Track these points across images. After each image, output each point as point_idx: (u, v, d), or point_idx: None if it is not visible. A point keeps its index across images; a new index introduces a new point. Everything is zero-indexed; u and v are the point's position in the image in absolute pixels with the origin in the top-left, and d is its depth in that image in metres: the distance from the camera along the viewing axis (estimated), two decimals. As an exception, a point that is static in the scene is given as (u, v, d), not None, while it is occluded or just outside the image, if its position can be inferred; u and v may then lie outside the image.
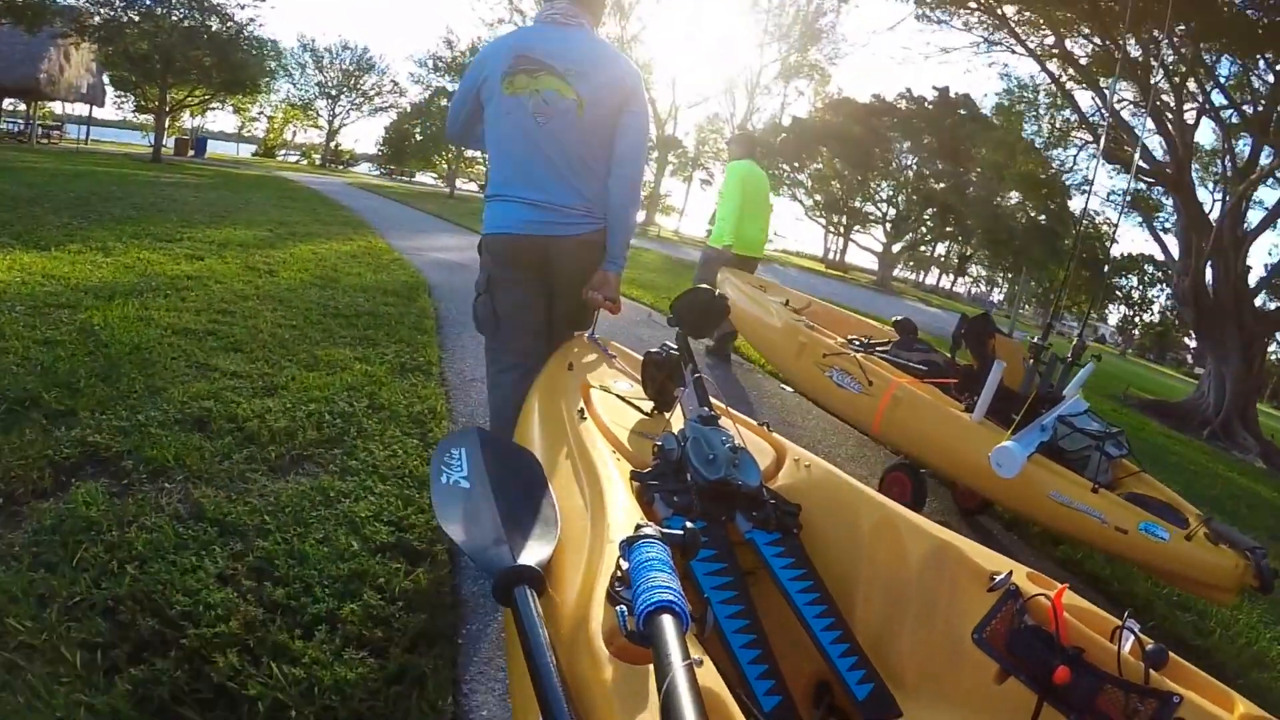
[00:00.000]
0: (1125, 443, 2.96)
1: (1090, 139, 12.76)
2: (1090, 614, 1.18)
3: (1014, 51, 11.24)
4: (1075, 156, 14.89)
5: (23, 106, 22.57)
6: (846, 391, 3.35)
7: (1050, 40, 10.77)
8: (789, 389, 4.94)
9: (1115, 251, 36.95)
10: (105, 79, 23.57)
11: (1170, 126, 10.31)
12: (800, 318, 4.11)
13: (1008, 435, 2.72)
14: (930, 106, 29.49)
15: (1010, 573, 1.21)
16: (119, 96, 29.73)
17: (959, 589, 1.23)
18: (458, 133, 2.22)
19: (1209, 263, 10.09)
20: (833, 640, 1.19)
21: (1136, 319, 41.67)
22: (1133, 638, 1.11)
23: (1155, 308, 41.34)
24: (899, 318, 4.08)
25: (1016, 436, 2.70)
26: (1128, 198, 13.79)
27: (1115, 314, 43.99)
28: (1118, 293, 39.93)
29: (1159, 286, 40.06)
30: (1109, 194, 15.61)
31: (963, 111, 28.70)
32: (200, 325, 3.51)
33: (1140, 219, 14.83)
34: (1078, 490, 2.61)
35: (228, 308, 3.93)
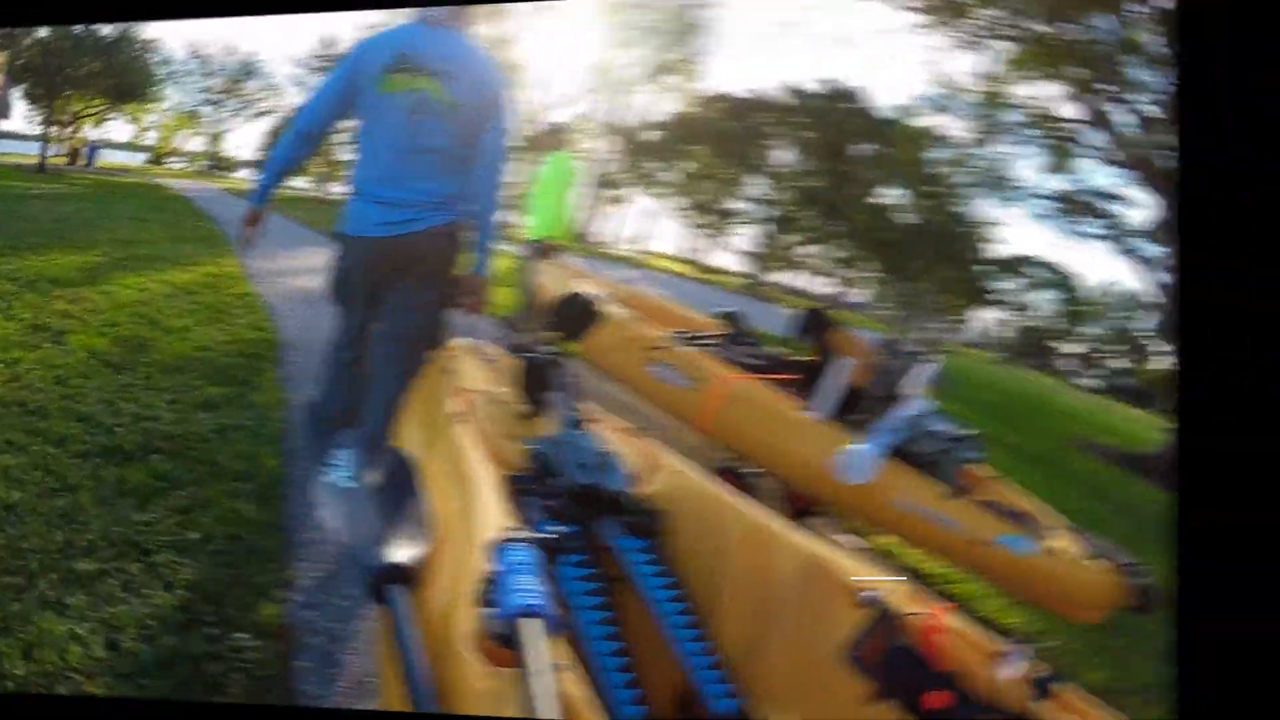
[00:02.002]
0: (981, 447, 2.74)
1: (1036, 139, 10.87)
2: (973, 637, 1.15)
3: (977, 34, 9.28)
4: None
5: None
6: (673, 388, 3.03)
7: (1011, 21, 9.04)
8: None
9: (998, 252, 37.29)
10: (14, 92, 22.59)
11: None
12: (620, 310, 3.75)
13: (854, 436, 2.49)
14: (815, 100, 28.80)
15: (884, 590, 1.18)
16: (32, 110, 28.34)
17: (831, 606, 1.20)
18: (315, 128, 2.18)
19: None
20: (696, 653, 1.18)
21: (1011, 323, 42.75)
22: (1018, 663, 1.07)
23: (1037, 312, 41.98)
24: (726, 309, 3.82)
25: (865, 437, 2.47)
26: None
27: (982, 318, 44.77)
28: (988, 294, 40.89)
29: (1042, 290, 40.85)
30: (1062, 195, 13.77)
31: (850, 105, 28.28)
32: None
33: (1074, 228, 12.57)
34: (929, 496, 2.38)
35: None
